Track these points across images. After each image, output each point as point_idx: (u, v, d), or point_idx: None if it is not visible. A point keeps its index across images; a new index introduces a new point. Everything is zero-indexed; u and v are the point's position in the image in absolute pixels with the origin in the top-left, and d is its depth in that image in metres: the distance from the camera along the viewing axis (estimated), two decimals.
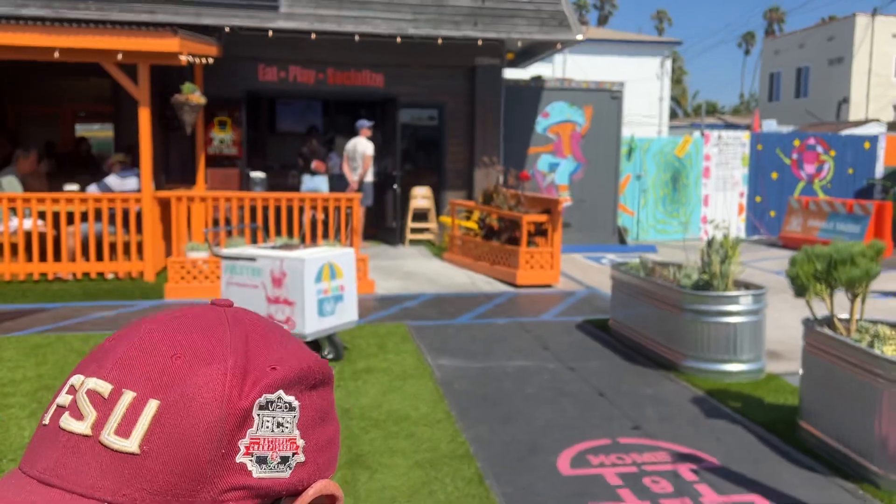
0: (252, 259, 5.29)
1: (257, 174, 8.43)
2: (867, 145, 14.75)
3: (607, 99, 12.65)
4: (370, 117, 12.84)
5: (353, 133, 11.41)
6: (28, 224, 7.76)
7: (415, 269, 9.70)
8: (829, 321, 4.10)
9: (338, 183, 11.45)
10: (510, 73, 13.08)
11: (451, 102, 12.00)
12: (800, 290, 4.14)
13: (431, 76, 11.88)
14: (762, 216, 14.61)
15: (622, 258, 11.59)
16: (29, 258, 7.79)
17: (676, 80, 52.92)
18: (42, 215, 7.82)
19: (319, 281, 5.21)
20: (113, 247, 7.98)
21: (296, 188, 11.29)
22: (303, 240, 8.33)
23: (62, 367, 5.11)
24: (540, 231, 9.24)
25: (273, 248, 5.57)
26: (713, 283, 5.17)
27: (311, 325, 5.14)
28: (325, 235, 8.87)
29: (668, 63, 25.81)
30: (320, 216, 8.55)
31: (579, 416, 4.33)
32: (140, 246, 8.01)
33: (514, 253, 8.94)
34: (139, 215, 7.92)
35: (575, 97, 12.58)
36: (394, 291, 8.36)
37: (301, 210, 8.54)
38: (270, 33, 10.43)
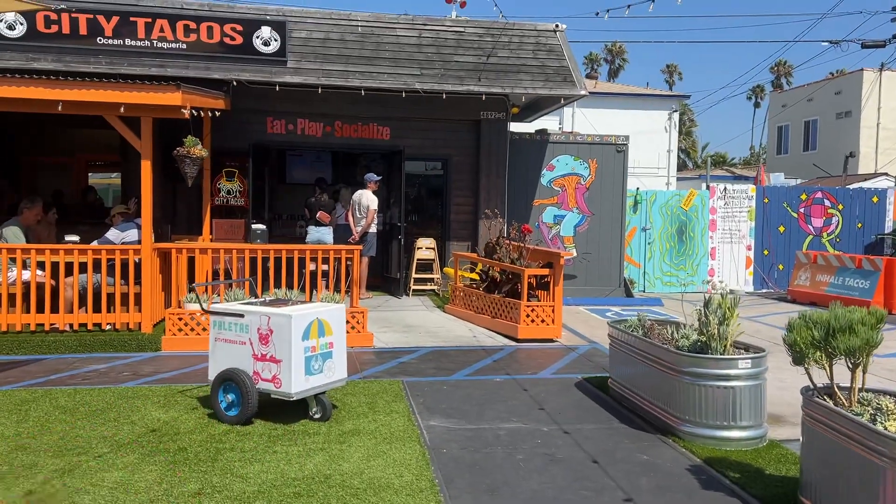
0: (240, 315, 5.21)
1: (258, 226, 8.42)
2: (875, 199, 14.64)
3: (612, 152, 12.67)
4: (377, 169, 12.92)
5: (361, 184, 11.47)
6: (27, 275, 7.75)
7: (416, 322, 9.59)
8: (829, 391, 3.95)
9: (343, 233, 11.45)
10: (516, 127, 13.18)
11: (456, 155, 12.06)
12: (798, 358, 4.00)
13: (437, 129, 11.97)
14: (770, 270, 14.45)
15: (628, 311, 11.43)
16: (27, 309, 7.75)
17: (686, 133, 53.29)
18: (42, 266, 7.81)
19: (307, 338, 5.11)
20: (111, 298, 7.94)
21: (304, 238, 11.32)
22: (302, 291, 8.26)
23: (43, 425, 5.01)
24: (542, 284, 9.14)
25: (263, 303, 5.49)
26: (711, 344, 5.03)
27: (298, 384, 5.02)
28: (326, 287, 8.81)
29: (676, 116, 25.98)
30: (321, 268, 8.50)
31: (569, 486, 4.16)
32: (138, 297, 7.97)
33: (515, 306, 8.82)
34: (138, 266, 7.90)
35: (580, 150, 12.62)
36: (393, 345, 8.24)
37: (301, 262, 8.50)
38: (277, 88, 10.57)
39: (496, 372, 7.04)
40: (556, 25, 11.28)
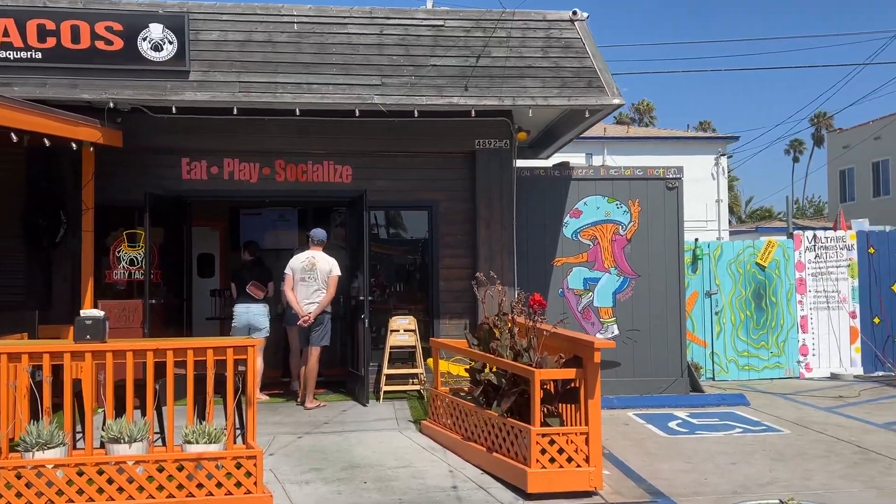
0: None
1: (89, 313, 5.08)
2: None
3: (661, 189, 9.21)
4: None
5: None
6: None
7: (367, 456, 6.00)
8: None
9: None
10: (526, 164, 9.87)
11: (444, 199, 8.73)
12: None
13: (417, 166, 8.70)
14: (885, 344, 10.63)
15: (701, 418, 7.76)
16: None
17: (728, 187, 49.63)
18: None
19: None
20: None
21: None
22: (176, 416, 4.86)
23: None
24: (567, 392, 5.59)
25: None
26: None
27: None
28: (199, 411, 5.38)
29: (725, 161, 22.49)
30: (187, 375, 5.06)
31: None
32: None
33: (522, 434, 5.26)
34: None
35: (616, 189, 9.20)
36: None
37: (156, 371, 5.11)
38: (174, 109, 7.44)
39: None
40: (574, 12, 8.05)
